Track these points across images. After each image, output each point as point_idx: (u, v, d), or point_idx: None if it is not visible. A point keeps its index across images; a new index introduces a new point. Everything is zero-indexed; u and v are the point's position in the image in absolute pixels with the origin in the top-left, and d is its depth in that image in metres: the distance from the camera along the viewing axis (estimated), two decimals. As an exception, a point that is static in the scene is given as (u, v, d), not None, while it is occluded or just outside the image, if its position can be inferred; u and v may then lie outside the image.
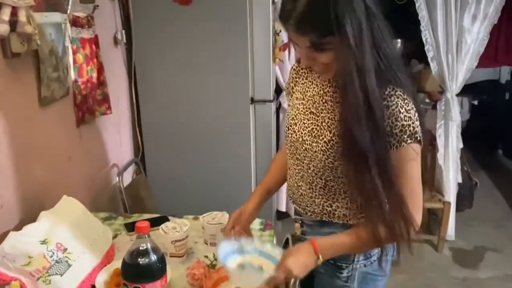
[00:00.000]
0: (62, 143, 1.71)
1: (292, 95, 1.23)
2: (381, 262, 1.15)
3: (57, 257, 1.16)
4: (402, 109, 0.97)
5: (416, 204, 1.02)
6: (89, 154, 1.93)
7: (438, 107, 2.97)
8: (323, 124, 1.08)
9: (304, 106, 1.15)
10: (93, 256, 1.28)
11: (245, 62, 2.20)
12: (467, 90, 3.05)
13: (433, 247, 2.98)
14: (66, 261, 1.18)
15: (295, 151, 1.17)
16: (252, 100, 2.28)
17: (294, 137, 1.16)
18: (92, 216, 1.43)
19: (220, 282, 1.19)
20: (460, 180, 3.03)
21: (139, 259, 0.95)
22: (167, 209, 1.92)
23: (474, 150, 3.13)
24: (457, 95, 2.90)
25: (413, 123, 0.98)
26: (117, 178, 1.93)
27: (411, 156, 1.00)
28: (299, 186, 1.19)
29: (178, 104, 2.31)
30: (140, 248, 0.96)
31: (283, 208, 3.05)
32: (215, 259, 1.38)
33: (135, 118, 2.36)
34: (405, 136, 0.97)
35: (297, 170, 1.19)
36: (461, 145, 2.99)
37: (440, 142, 2.95)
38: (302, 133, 1.13)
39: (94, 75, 1.92)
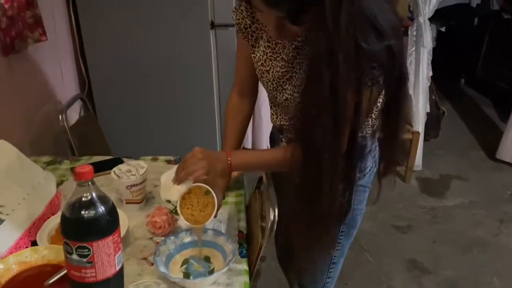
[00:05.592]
0: (-15, 75, 1.48)
1: (251, 35, 1.08)
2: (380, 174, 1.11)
3: (-18, 212, 0.98)
4: None
5: None
6: (23, 90, 1.72)
7: (409, 32, 2.83)
8: (301, 71, 1.00)
9: (273, 51, 1.04)
10: (32, 208, 1.11)
11: (202, -21, 1.95)
12: (436, 15, 2.90)
13: (400, 177, 2.96)
14: (-4, 217, 1.00)
15: (274, 100, 1.13)
16: (212, 25, 2.05)
17: (271, 86, 1.08)
18: (28, 161, 1.23)
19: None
20: (428, 110, 2.98)
21: (82, 212, 0.76)
22: (121, 150, 1.75)
23: (437, 79, 3.15)
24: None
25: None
26: (60, 117, 1.69)
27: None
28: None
29: (127, 29, 2.05)
30: (83, 198, 0.76)
31: (248, 145, 2.92)
32: (179, 204, 1.24)
33: (77, 46, 2.10)
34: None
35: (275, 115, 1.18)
36: (431, 73, 2.91)
37: (410, 70, 2.84)
38: (279, 81, 1.06)
39: (20, -8, 1.62)
